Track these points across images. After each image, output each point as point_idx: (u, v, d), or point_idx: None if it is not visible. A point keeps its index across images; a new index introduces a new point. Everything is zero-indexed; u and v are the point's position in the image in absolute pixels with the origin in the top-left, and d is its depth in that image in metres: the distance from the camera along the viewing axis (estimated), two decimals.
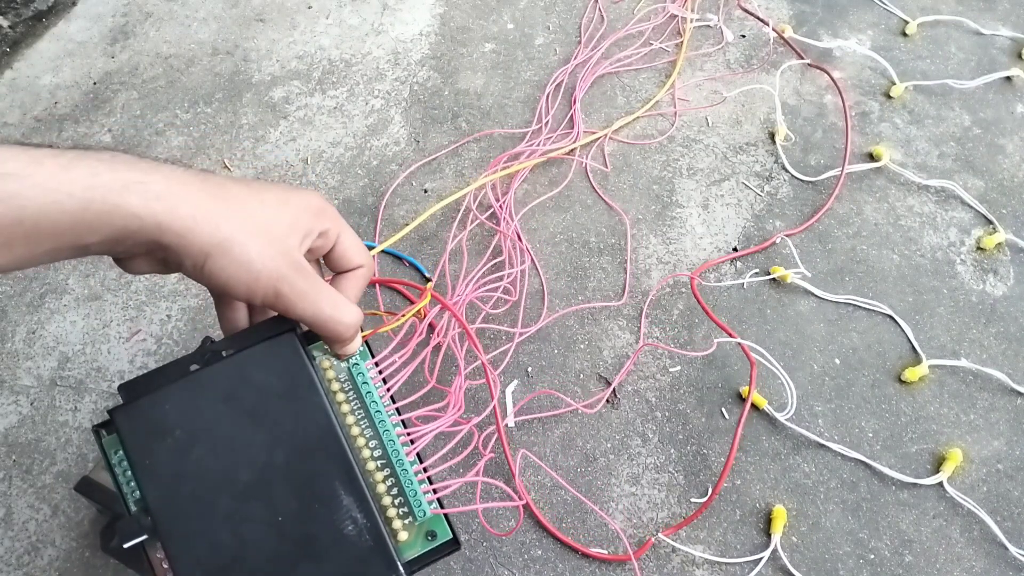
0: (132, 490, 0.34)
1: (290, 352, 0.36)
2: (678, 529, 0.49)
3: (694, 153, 0.69)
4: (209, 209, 0.30)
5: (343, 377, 0.38)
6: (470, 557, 0.49)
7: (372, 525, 0.33)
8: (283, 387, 0.35)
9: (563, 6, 0.81)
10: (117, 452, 0.35)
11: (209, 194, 0.30)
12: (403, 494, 0.36)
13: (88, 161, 0.28)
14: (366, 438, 0.37)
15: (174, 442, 0.33)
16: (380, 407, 0.37)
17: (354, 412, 0.37)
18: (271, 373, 0.35)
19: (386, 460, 0.37)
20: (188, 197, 0.29)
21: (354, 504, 0.33)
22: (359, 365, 0.38)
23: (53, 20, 0.79)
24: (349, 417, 0.37)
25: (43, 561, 0.48)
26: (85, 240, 0.28)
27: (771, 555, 0.49)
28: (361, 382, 0.38)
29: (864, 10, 0.80)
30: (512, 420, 0.53)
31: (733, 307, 0.60)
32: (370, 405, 0.37)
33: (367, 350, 0.39)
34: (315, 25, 0.78)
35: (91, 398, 0.55)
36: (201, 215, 0.29)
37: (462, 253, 0.61)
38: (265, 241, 0.31)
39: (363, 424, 0.37)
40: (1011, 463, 0.53)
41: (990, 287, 0.61)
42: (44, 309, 0.59)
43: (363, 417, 0.37)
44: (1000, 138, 0.70)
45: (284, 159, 0.68)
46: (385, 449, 0.37)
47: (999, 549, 0.50)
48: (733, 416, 0.55)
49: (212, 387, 0.35)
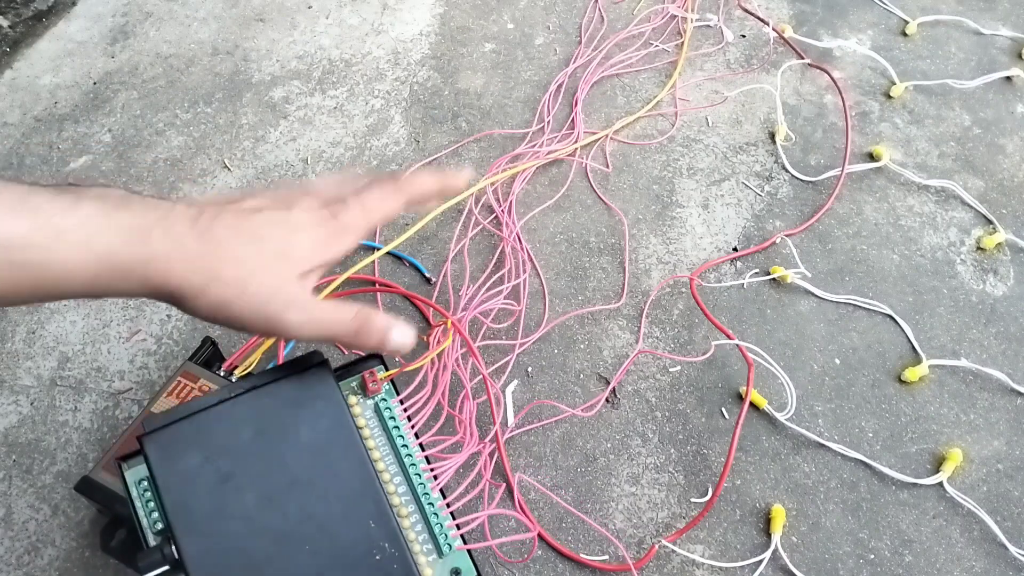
0: (153, 522, 0.34)
1: (322, 386, 0.36)
2: (681, 535, 0.49)
3: (694, 153, 0.69)
4: (197, 283, 0.31)
5: (369, 415, 0.39)
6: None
7: (403, 562, 0.33)
8: (315, 421, 0.35)
9: (563, 6, 0.81)
10: (140, 482, 0.35)
11: (201, 260, 0.31)
12: (428, 530, 0.36)
13: (106, 232, 0.29)
14: (391, 474, 0.37)
15: (201, 471, 0.33)
16: (407, 442, 0.38)
17: (379, 448, 0.38)
18: (303, 406, 0.35)
19: (411, 496, 0.37)
20: (179, 264, 0.30)
21: (385, 540, 0.33)
22: (387, 402, 0.39)
23: (53, 20, 0.79)
24: (375, 453, 0.37)
25: (43, 561, 0.48)
26: (92, 295, 0.30)
27: (772, 555, 0.49)
28: (388, 417, 0.38)
29: (864, 10, 0.80)
30: (512, 420, 0.53)
31: (733, 307, 0.60)
32: (396, 440, 0.38)
33: (392, 388, 0.40)
34: (315, 25, 0.78)
35: (91, 398, 0.55)
36: (188, 287, 0.31)
37: (463, 256, 0.61)
38: (254, 304, 0.32)
39: (388, 460, 0.37)
40: (1011, 463, 0.53)
41: (990, 287, 0.61)
42: (44, 309, 0.59)
43: (388, 453, 0.38)
44: (1000, 138, 0.70)
45: (284, 159, 0.68)
46: (410, 485, 0.37)
47: (999, 549, 0.50)
48: (733, 416, 0.55)
49: (243, 417, 0.35)
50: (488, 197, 0.65)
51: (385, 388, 0.40)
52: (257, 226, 0.32)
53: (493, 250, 0.62)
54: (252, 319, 0.31)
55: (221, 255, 0.31)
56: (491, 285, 0.59)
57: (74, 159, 0.68)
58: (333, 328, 0.33)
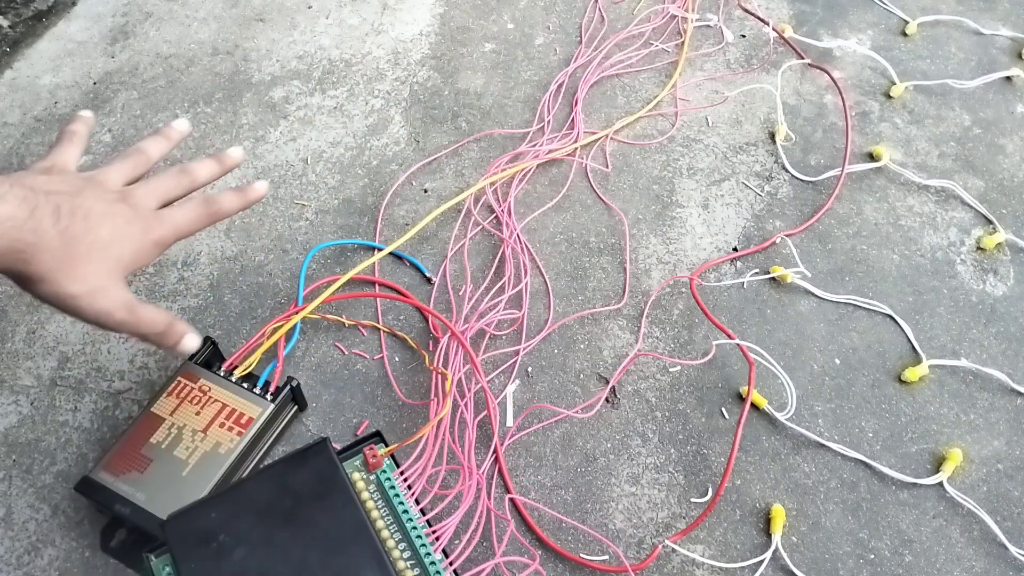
0: None
1: (323, 460, 0.40)
2: (685, 534, 0.49)
3: (694, 153, 0.69)
4: (52, 274, 0.38)
5: (372, 488, 0.43)
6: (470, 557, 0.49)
7: None
8: (323, 503, 0.39)
9: (563, 6, 0.81)
10: (165, 569, 0.39)
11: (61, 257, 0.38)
12: None
13: None
14: (395, 540, 0.40)
15: (219, 547, 0.37)
16: (408, 508, 0.42)
17: (383, 517, 0.41)
18: (311, 490, 0.39)
19: (416, 560, 0.40)
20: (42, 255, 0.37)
21: None
22: (387, 474, 0.43)
23: (53, 20, 0.79)
24: (379, 522, 0.41)
25: (43, 561, 0.48)
26: None
27: (772, 555, 0.49)
28: (389, 487, 0.42)
29: (864, 10, 0.80)
30: (511, 422, 0.53)
31: (733, 307, 0.60)
32: (398, 507, 0.42)
33: (393, 461, 0.44)
34: (315, 25, 0.78)
35: (91, 398, 0.55)
36: (44, 275, 0.38)
37: (463, 256, 0.62)
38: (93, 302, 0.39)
39: (392, 528, 0.41)
40: (1011, 463, 0.53)
41: (990, 287, 0.61)
42: (44, 309, 0.59)
43: (392, 522, 0.41)
44: (1000, 138, 0.70)
45: (284, 159, 0.68)
46: (414, 550, 0.40)
47: (999, 549, 0.50)
48: (733, 416, 0.55)
49: (254, 495, 0.39)
50: (488, 197, 0.65)
51: (386, 462, 0.44)
52: (98, 223, 0.39)
53: (493, 251, 0.62)
54: (86, 313, 0.39)
55: (76, 253, 0.38)
56: (494, 290, 0.59)
57: None
58: (149, 327, 0.42)
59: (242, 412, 0.49)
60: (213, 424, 0.48)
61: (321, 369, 0.56)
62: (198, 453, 0.47)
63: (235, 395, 0.49)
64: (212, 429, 0.48)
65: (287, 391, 0.50)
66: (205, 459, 0.47)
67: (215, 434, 0.48)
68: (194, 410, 0.49)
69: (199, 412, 0.49)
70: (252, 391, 0.50)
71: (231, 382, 0.50)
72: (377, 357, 0.56)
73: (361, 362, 0.56)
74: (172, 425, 0.48)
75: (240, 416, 0.48)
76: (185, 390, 0.50)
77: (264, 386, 0.50)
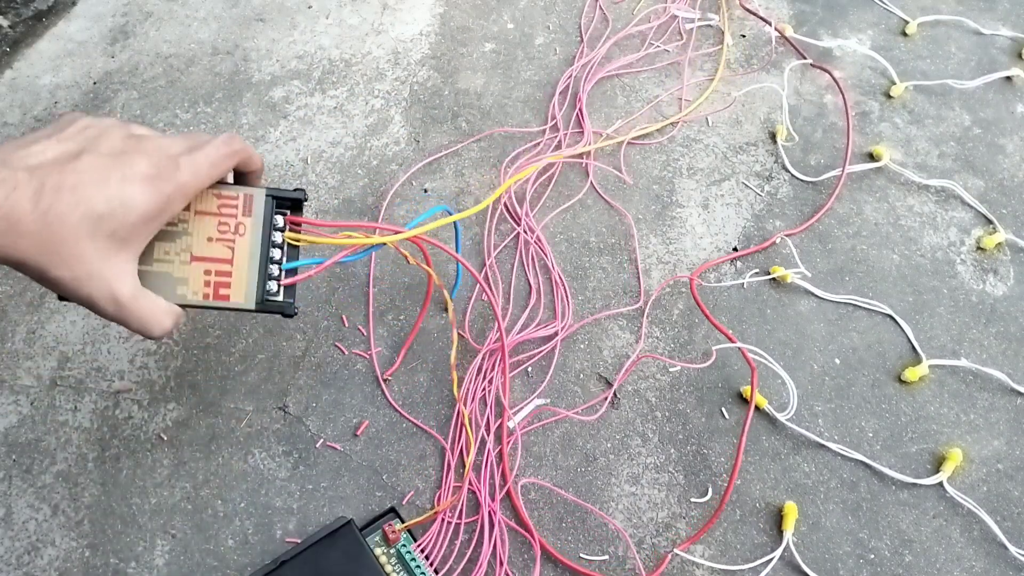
0: None
1: (350, 541, 0.46)
2: (693, 541, 0.49)
3: (694, 153, 0.69)
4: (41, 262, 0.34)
5: (394, 562, 0.47)
6: (471, 558, 0.49)
7: None
8: (348, 572, 0.44)
9: (563, 6, 0.81)
10: None
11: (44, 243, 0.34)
12: None
13: None
14: None
15: None
16: (425, 572, 0.47)
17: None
18: (337, 561, 0.45)
19: None
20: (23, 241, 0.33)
21: None
22: (407, 547, 0.47)
23: (53, 20, 0.79)
24: None
25: (43, 561, 0.48)
26: None
27: (783, 553, 0.49)
28: (410, 559, 0.47)
29: (864, 10, 0.80)
30: (516, 421, 0.53)
31: (733, 307, 0.60)
32: (415, 571, 0.47)
33: (410, 535, 0.48)
34: (315, 25, 0.78)
35: (91, 398, 0.55)
36: (33, 264, 0.34)
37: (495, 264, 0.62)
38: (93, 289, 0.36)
39: None
40: (1011, 463, 0.53)
41: (990, 287, 0.61)
42: (44, 309, 0.59)
43: None
44: (1000, 138, 0.70)
45: (284, 159, 0.68)
46: None
47: (999, 549, 0.50)
48: (733, 416, 0.55)
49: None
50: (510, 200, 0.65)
51: (404, 536, 0.48)
52: (90, 195, 0.35)
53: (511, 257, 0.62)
54: (79, 300, 0.36)
55: (61, 235, 0.34)
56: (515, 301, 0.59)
57: None
58: (139, 326, 0.38)
59: (228, 283, 0.41)
60: (200, 262, 0.40)
61: (321, 369, 0.56)
62: (163, 269, 0.40)
63: (246, 257, 0.41)
64: (196, 265, 0.40)
65: (277, 306, 0.42)
66: (163, 280, 0.40)
67: (192, 271, 0.40)
68: (211, 232, 0.40)
69: (210, 239, 0.40)
70: (266, 269, 0.41)
71: (264, 239, 0.41)
72: (373, 352, 0.56)
73: (361, 362, 0.56)
74: (185, 222, 0.40)
75: (222, 284, 0.40)
76: (229, 208, 0.41)
77: (285, 272, 0.42)
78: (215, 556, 0.49)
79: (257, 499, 0.51)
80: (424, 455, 0.53)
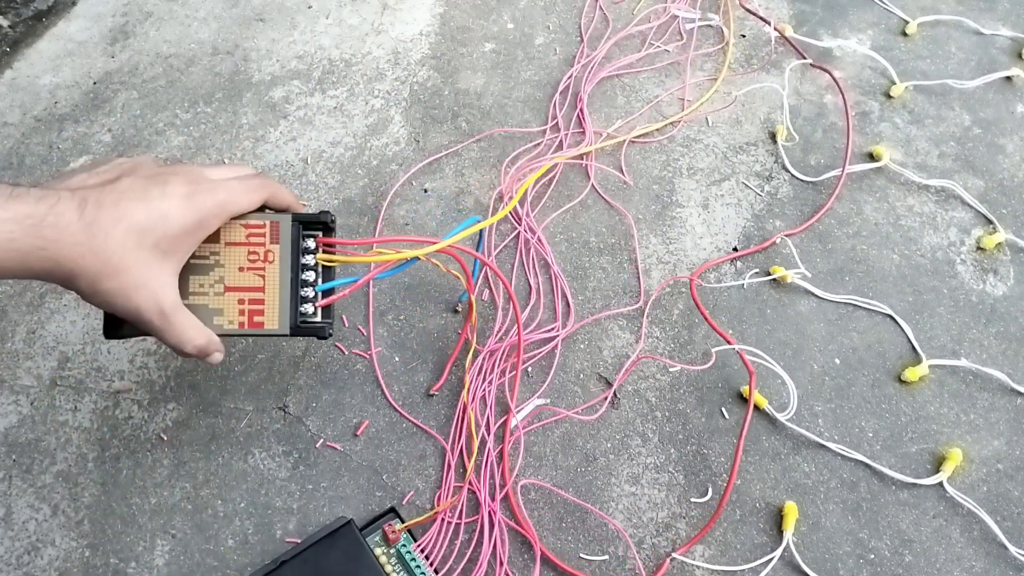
0: None
1: (350, 541, 0.46)
2: (694, 542, 0.49)
3: (694, 153, 0.69)
4: (89, 275, 0.36)
5: (394, 562, 0.47)
6: (471, 558, 0.49)
7: None
8: (349, 571, 0.44)
9: (563, 6, 0.81)
10: None
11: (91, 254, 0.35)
12: None
13: (5, 222, 0.33)
14: None
15: None
16: (425, 572, 0.47)
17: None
18: (338, 561, 0.45)
19: None
20: (69, 252, 0.35)
21: None
22: (407, 547, 0.47)
23: (53, 20, 0.79)
24: None
25: (43, 561, 0.49)
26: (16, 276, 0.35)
27: (783, 553, 0.49)
28: (410, 559, 0.47)
29: (864, 10, 0.80)
30: (516, 420, 0.53)
31: (733, 307, 0.60)
32: (415, 571, 0.47)
33: (410, 535, 0.48)
34: (315, 25, 0.78)
35: (91, 398, 0.55)
36: (81, 277, 0.35)
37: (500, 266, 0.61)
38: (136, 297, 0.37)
39: None
40: (1011, 463, 0.53)
41: (990, 287, 0.61)
42: (44, 309, 0.59)
43: None
44: (1000, 138, 0.70)
45: (284, 159, 0.68)
46: None
47: (999, 549, 0.50)
48: (733, 416, 0.55)
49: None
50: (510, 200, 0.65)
51: (404, 536, 0.48)
52: (132, 208, 0.36)
53: (511, 258, 0.62)
54: (122, 311, 0.37)
55: (106, 245, 0.35)
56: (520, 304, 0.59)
57: (74, 159, 0.68)
58: (177, 340, 0.39)
59: (262, 310, 0.41)
60: (234, 291, 0.41)
61: (321, 369, 0.56)
62: (202, 300, 0.41)
63: (277, 284, 0.41)
64: (230, 295, 0.41)
65: (312, 329, 0.43)
66: (200, 312, 0.41)
67: (226, 302, 0.41)
68: (241, 261, 0.41)
69: (242, 269, 0.41)
70: (301, 292, 0.42)
71: (293, 264, 0.42)
72: (373, 352, 0.56)
73: (361, 362, 0.56)
74: (217, 254, 0.41)
75: (256, 311, 0.41)
76: (257, 237, 0.41)
77: (321, 294, 0.43)
78: (215, 556, 0.49)
79: (257, 499, 0.51)
80: (424, 455, 0.53)
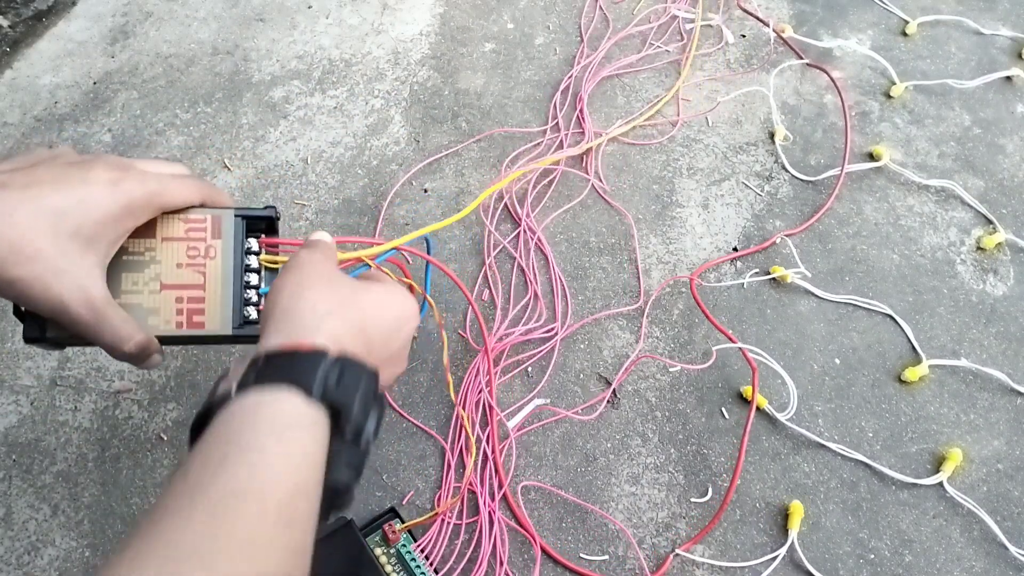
0: None
1: (350, 542, 0.46)
2: (695, 542, 0.49)
3: (694, 153, 0.69)
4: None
5: (394, 562, 0.47)
6: (471, 558, 0.49)
7: None
8: (349, 571, 0.44)
9: (563, 6, 0.81)
10: None
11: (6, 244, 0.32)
12: None
13: None
14: None
15: None
16: (426, 572, 0.47)
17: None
18: (338, 561, 0.45)
19: None
20: None
21: None
22: (407, 547, 0.48)
23: (53, 20, 0.79)
24: None
25: (43, 561, 0.48)
26: None
27: (788, 550, 0.49)
28: (410, 559, 0.47)
29: (864, 10, 0.80)
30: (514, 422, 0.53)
31: (733, 307, 0.60)
32: (416, 572, 0.47)
33: (410, 535, 0.48)
34: (315, 25, 0.78)
35: (91, 398, 0.55)
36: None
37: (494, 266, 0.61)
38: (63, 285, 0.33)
39: None
40: (1011, 463, 0.53)
41: (990, 287, 0.61)
42: None
43: None
44: (1000, 138, 0.70)
45: (284, 159, 0.68)
46: None
47: (999, 549, 0.50)
48: (733, 416, 0.55)
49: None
50: (511, 200, 0.65)
51: (404, 536, 0.48)
52: (44, 193, 0.33)
53: (511, 259, 0.62)
54: (40, 303, 0.33)
55: (18, 230, 0.32)
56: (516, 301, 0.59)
57: None
58: (112, 337, 0.35)
59: (202, 309, 0.39)
60: (171, 289, 0.38)
61: None
62: (136, 299, 0.38)
63: (219, 281, 0.39)
64: (167, 293, 0.38)
65: (257, 332, 0.38)
66: (133, 312, 0.38)
67: (163, 300, 0.38)
68: (179, 257, 0.39)
69: (180, 265, 0.39)
70: (242, 291, 0.40)
71: (237, 261, 0.39)
72: None
73: None
74: (152, 249, 0.38)
75: (196, 311, 0.39)
76: (197, 231, 0.39)
77: (264, 297, 0.40)
78: None
79: None
80: (424, 455, 0.53)
